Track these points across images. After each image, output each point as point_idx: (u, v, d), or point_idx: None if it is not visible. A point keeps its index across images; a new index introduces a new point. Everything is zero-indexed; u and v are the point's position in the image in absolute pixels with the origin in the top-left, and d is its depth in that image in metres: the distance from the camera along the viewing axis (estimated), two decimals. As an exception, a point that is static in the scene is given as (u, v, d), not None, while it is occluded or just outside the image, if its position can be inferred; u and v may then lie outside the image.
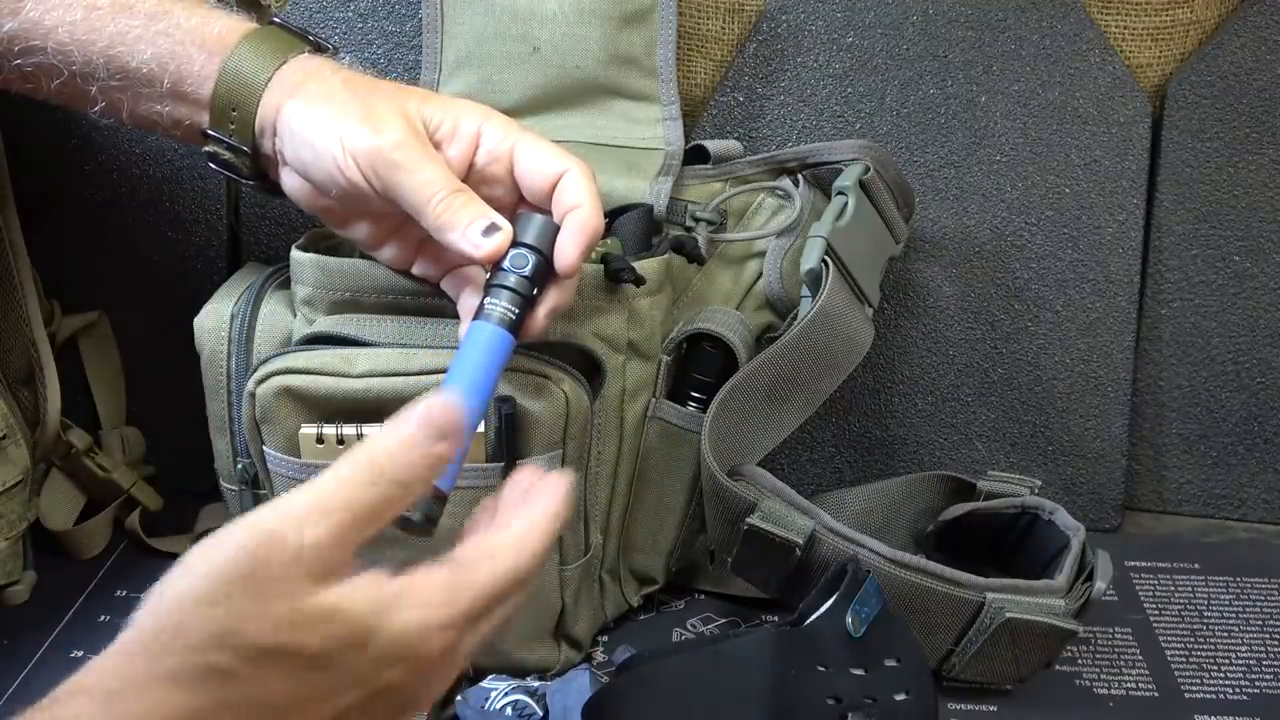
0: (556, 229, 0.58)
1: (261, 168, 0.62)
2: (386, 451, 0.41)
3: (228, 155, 0.61)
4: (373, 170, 0.57)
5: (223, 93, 0.60)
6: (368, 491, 0.40)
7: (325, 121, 0.58)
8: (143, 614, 0.39)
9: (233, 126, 0.60)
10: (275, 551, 0.39)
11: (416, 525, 0.50)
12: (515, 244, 0.57)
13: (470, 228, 0.56)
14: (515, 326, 0.56)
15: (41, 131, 0.81)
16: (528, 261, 0.57)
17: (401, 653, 0.41)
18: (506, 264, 0.57)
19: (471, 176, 0.60)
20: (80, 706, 0.37)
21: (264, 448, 0.65)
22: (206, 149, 0.62)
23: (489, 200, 0.59)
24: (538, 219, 0.58)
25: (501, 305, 0.56)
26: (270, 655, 0.38)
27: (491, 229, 0.56)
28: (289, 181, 0.61)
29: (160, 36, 0.60)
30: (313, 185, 0.60)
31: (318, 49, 0.63)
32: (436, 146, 0.59)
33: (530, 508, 0.45)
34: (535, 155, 0.59)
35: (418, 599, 0.41)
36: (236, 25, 0.61)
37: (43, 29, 0.60)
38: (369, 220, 0.62)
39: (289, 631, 0.38)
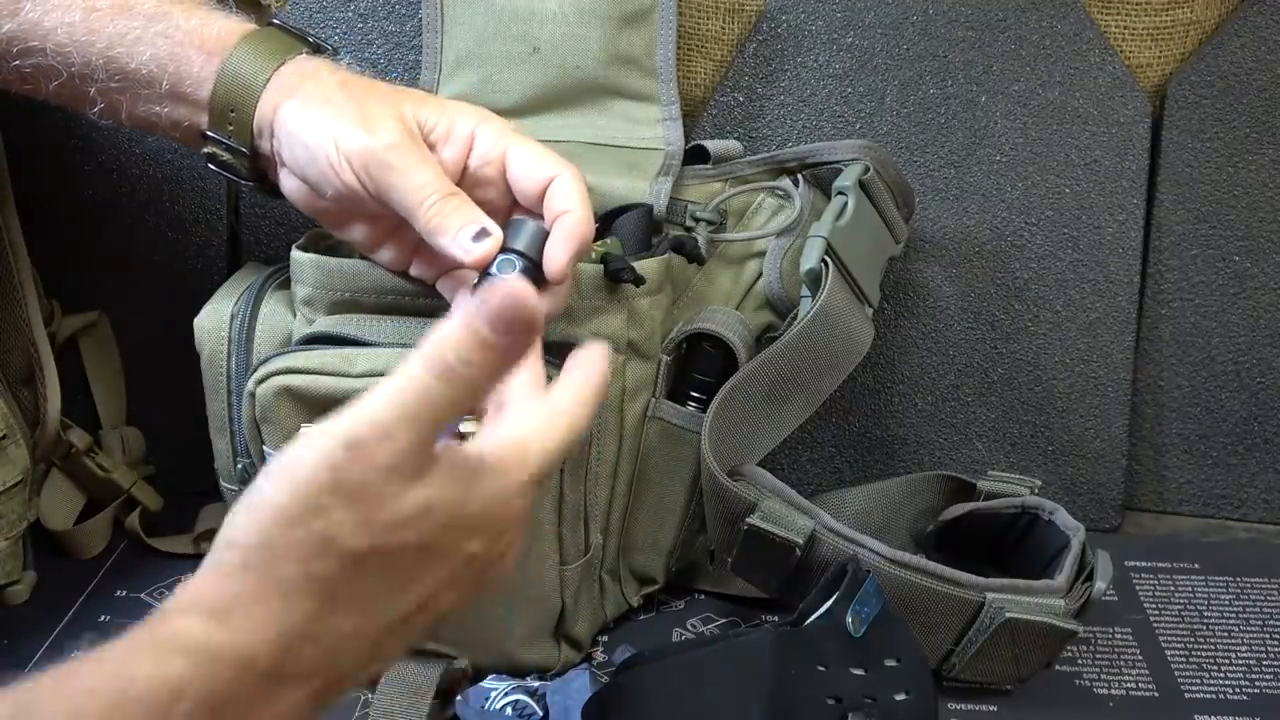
0: (546, 235, 0.58)
1: (260, 169, 0.62)
2: (458, 350, 0.40)
3: (226, 156, 0.61)
4: (366, 172, 0.57)
5: (221, 94, 0.60)
6: (443, 391, 0.40)
7: (321, 123, 0.58)
8: (236, 531, 0.39)
9: (231, 128, 0.60)
10: (364, 461, 0.39)
11: None
12: (505, 250, 0.57)
13: (461, 233, 0.56)
14: None
15: (41, 131, 0.81)
16: (515, 268, 0.57)
17: (487, 524, 0.43)
18: (494, 270, 0.57)
19: (465, 179, 0.60)
20: (190, 623, 0.37)
21: (264, 448, 0.65)
22: (205, 150, 0.62)
23: (482, 203, 0.59)
24: (529, 225, 0.58)
25: None
26: (374, 556, 0.39)
27: (481, 234, 0.57)
28: (287, 183, 0.61)
29: (159, 38, 0.60)
30: (309, 187, 0.60)
31: (316, 50, 0.63)
32: (431, 148, 0.59)
33: (579, 372, 0.47)
34: (527, 159, 0.60)
35: (497, 468, 0.43)
36: (235, 26, 0.61)
37: (41, 30, 0.60)
38: (365, 222, 0.62)
39: (390, 533, 0.40)
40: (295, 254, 0.66)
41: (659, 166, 0.75)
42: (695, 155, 0.78)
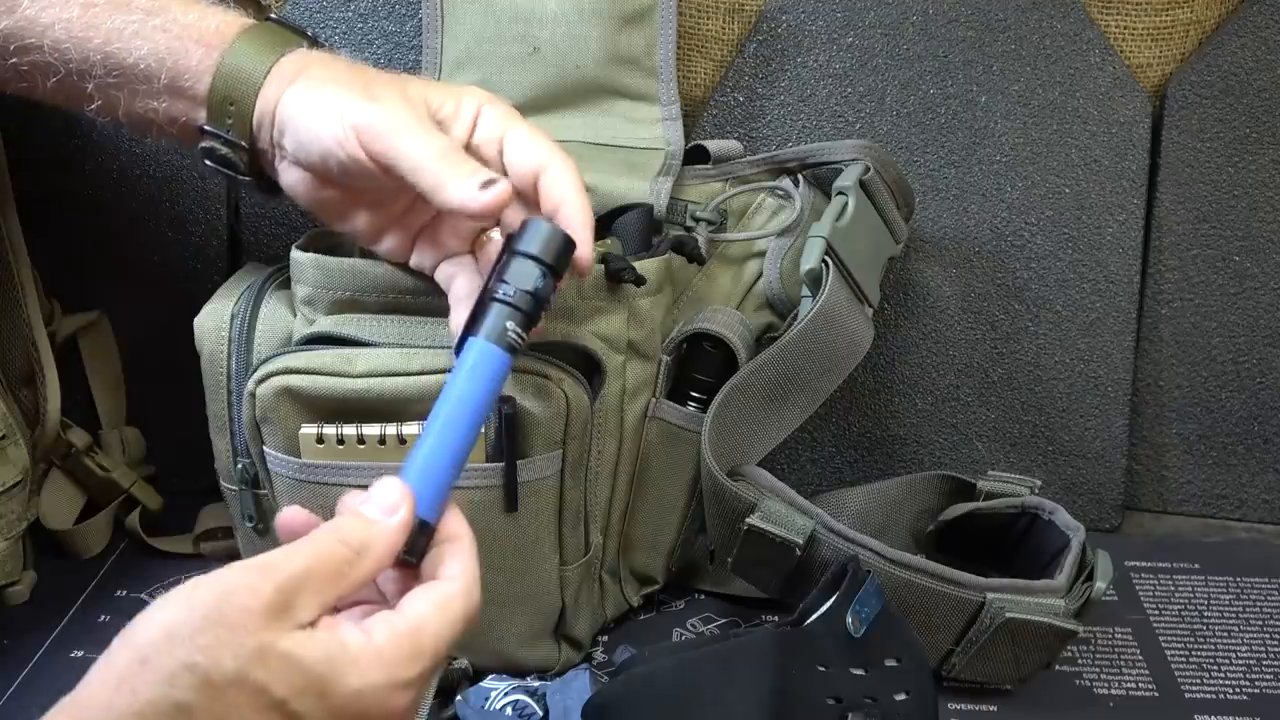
0: (565, 239, 0.56)
1: (258, 165, 0.62)
2: (355, 525, 0.46)
3: (224, 150, 0.61)
4: (372, 139, 0.56)
5: (220, 87, 0.59)
6: (335, 550, 0.45)
7: (326, 100, 0.58)
8: (119, 645, 0.41)
9: (230, 121, 0.60)
10: (245, 592, 0.41)
11: (407, 561, 0.50)
12: (523, 254, 0.55)
13: (469, 180, 0.55)
14: (517, 349, 0.55)
15: (41, 131, 0.81)
16: (534, 279, 0.54)
17: (363, 709, 0.43)
18: (511, 278, 0.54)
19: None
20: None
21: (264, 448, 0.65)
22: (203, 145, 0.61)
23: None
24: (544, 227, 0.55)
25: (511, 327, 0.54)
26: (234, 688, 0.40)
27: (490, 183, 0.55)
28: (287, 176, 0.61)
29: (157, 32, 0.60)
30: (311, 172, 0.60)
31: (314, 44, 0.63)
32: (439, 125, 0.59)
33: (454, 549, 0.49)
34: (522, 144, 0.59)
35: (382, 659, 0.44)
36: (234, 20, 0.61)
37: (39, 27, 0.60)
38: (368, 209, 0.61)
39: (250, 665, 0.41)
40: (295, 254, 0.66)
41: (659, 166, 0.75)
42: (695, 155, 0.78)
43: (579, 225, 0.57)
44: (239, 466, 0.68)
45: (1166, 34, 0.83)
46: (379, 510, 0.47)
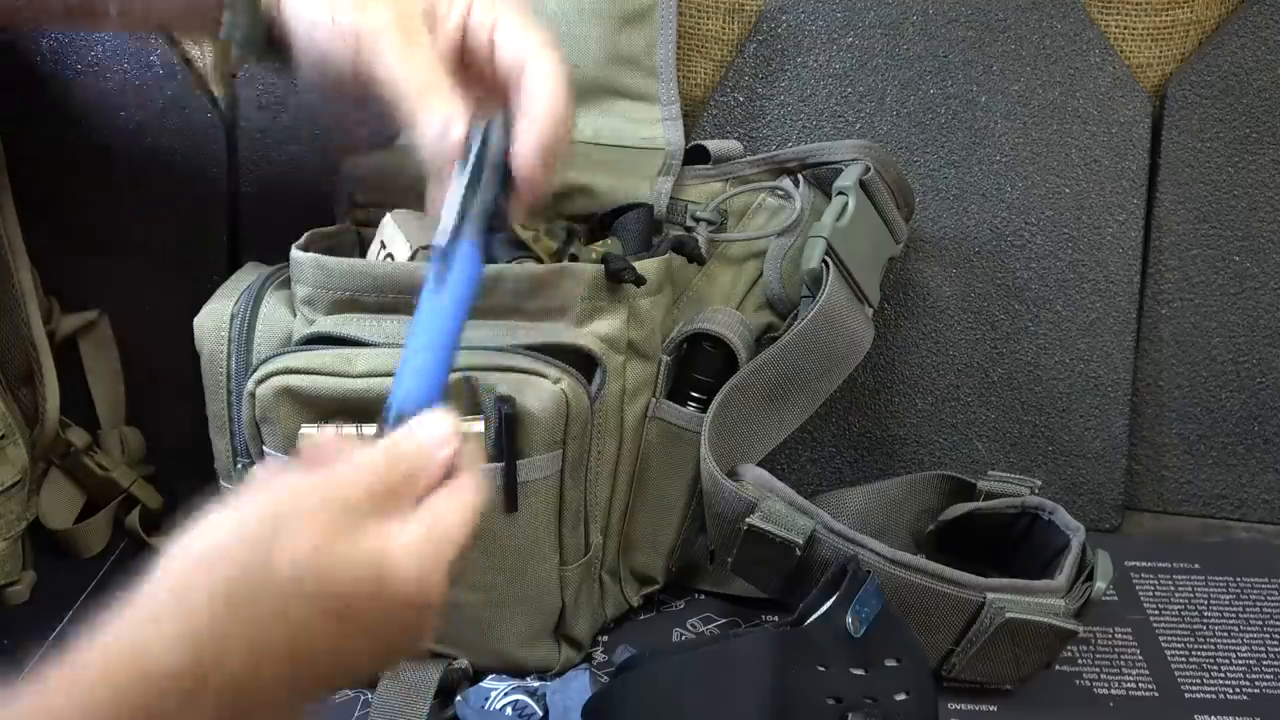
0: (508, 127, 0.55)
1: (279, 42, 0.60)
2: (406, 448, 0.47)
3: (243, 30, 0.59)
4: (357, 53, 0.56)
5: None
6: (391, 476, 0.46)
7: (320, 3, 0.57)
8: (175, 560, 0.41)
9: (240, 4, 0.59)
10: (302, 498, 0.43)
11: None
12: (472, 148, 0.55)
13: (429, 127, 0.55)
14: (483, 243, 0.55)
15: (41, 131, 0.81)
16: (470, 169, 0.54)
17: (409, 598, 0.44)
18: (458, 173, 0.55)
19: (462, 56, 0.59)
20: (153, 614, 0.40)
21: (264, 448, 0.65)
22: (225, 17, 0.59)
23: (475, 76, 0.58)
24: (496, 124, 0.55)
25: (466, 226, 0.54)
26: (293, 586, 0.41)
27: (444, 131, 0.55)
28: (299, 59, 0.59)
29: None
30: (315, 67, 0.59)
31: None
32: (434, 25, 0.58)
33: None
34: (511, 35, 0.57)
35: (413, 550, 0.44)
36: None
37: None
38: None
39: (317, 558, 0.41)
40: (295, 253, 0.66)
41: (659, 166, 0.75)
42: (695, 155, 0.78)
43: (545, 127, 0.55)
44: (239, 466, 0.68)
45: (1166, 34, 0.83)
46: (432, 440, 0.48)
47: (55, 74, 0.81)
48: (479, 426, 0.57)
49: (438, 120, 0.55)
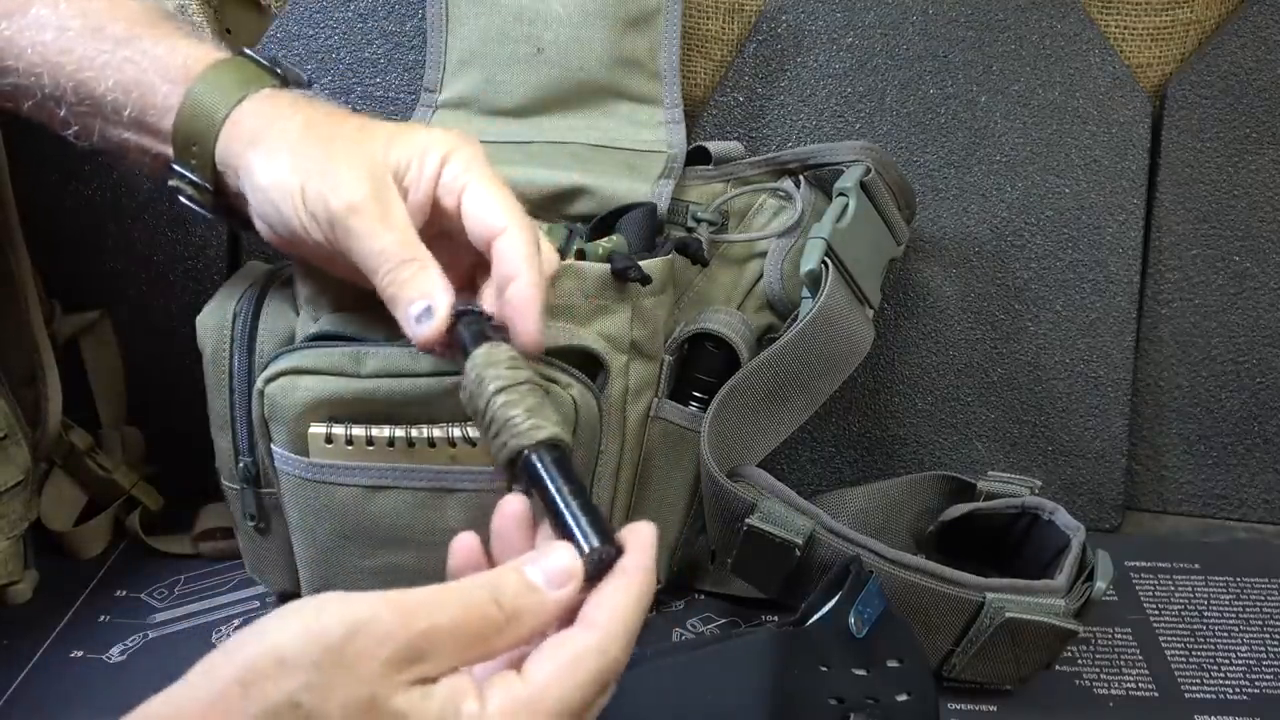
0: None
1: (233, 205, 0.60)
2: (514, 588, 0.41)
3: (190, 190, 0.59)
4: (331, 231, 0.55)
5: (184, 126, 0.58)
6: (487, 611, 0.40)
7: (284, 178, 0.55)
8: (222, 658, 0.38)
9: (194, 161, 0.58)
10: (375, 635, 0.38)
11: None
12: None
13: (410, 308, 0.54)
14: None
15: (41, 132, 0.81)
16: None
17: None
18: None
19: (434, 213, 0.57)
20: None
21: (272, 446, 0.65)
22: (170, 183, 0.60)
23: (448, 238, 0.57)
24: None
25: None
26: None
27: (425, 315, 0.53)
28: (261, 226, 0.59)
29: (126, 64, 0.58)
30: (278, 235, 0.58)
31: (285, 82, 0.61)
32: (405, 192, 0.56)
33: (612, 588, 0.44)
34: (479, 203, 0.56)
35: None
36: (204, 55, 0.59)
37: (15, 48, 0.59)
38: (345, 272, 0.59)
39: (357, 718, 0.37)
40: (297, 254, 0.66)
41: (661, 169, 0.75)
42: (697, 156, 0.78)
43: (526, 302, 0.53)
44: (241, 465, 0.68)
45: (1166, 34, 0.83)
46: (545, 578, 0.42)
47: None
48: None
49: (419, 301, 0.54)
